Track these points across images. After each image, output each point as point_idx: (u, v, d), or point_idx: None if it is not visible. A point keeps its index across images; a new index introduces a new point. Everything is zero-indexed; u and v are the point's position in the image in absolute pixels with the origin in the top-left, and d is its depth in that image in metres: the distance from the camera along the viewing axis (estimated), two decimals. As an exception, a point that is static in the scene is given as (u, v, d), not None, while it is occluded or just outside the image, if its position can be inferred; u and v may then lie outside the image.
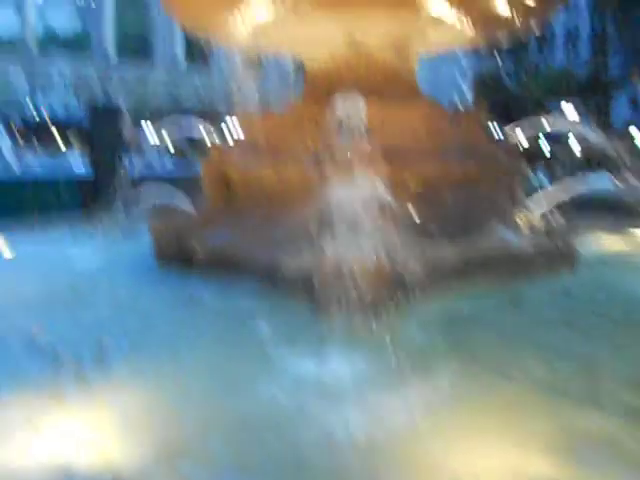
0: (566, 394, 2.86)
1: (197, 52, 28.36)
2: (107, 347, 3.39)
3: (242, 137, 6.04)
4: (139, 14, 44.19)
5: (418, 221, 4.60)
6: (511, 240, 5.21)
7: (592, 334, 3.77)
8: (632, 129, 31.32)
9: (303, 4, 4.61)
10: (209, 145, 6.42)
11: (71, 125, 57.21)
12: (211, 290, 4.66)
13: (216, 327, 4.06)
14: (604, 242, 6.88)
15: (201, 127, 7.82)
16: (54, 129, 55.59)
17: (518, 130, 7.57)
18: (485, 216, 5.23)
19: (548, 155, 22.69)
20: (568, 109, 36.54)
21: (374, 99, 4.75)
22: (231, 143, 6.13)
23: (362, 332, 3.57)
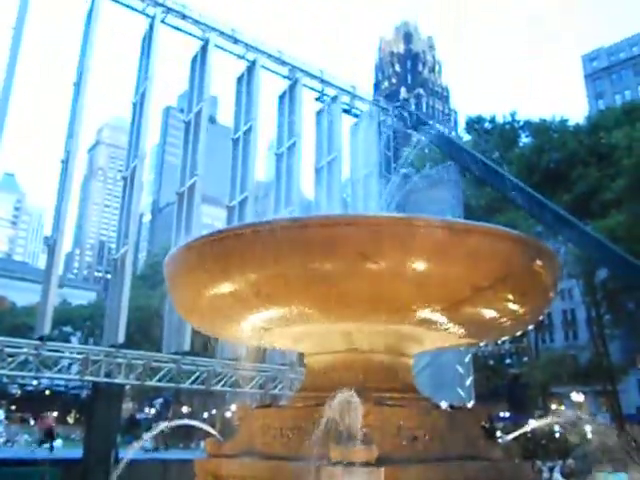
0: None
1: (203, 341, 29.92)
2: None
3: (239, 429, 5.95)
4: (151, 304, 47.11)
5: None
6: None
7: None
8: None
9: (305, 313, 4.93)
10: (205, 435, 6.29)
11: (71, 401, 56.54)
12: None
13: None
14: None
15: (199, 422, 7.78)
16: (52, 402, 54.68)
17: (532, 421, 7.45)
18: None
19: (564, 449, 21.83)
20: (577, 396, 35.92)
21: (370, 398, 4.79)
22: (227, 436, 6.01)
23: None
